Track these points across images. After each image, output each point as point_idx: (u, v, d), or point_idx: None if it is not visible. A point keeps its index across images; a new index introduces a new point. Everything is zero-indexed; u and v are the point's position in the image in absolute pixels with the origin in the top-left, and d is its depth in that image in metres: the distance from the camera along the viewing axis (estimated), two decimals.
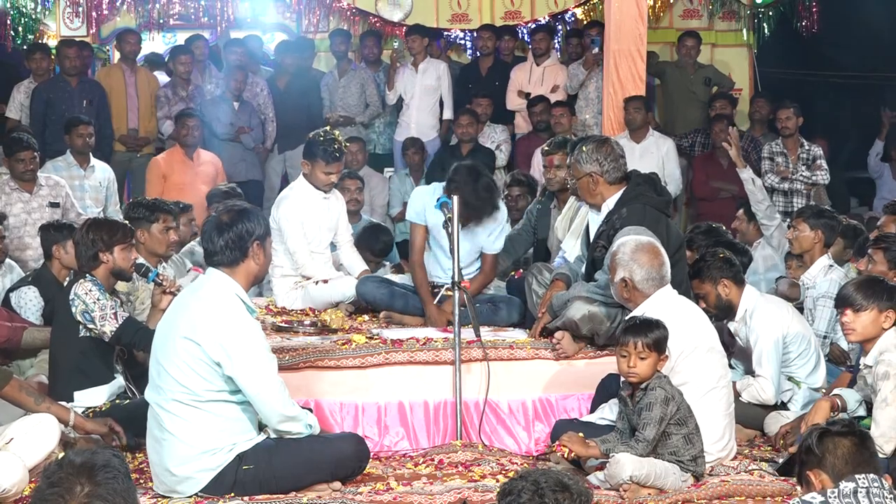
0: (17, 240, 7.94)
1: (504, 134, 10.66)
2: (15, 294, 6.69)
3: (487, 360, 5.66)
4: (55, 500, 2.74)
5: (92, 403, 5.54)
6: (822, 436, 3.43)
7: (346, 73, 10.92)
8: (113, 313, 5.58)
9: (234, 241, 4.70)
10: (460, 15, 11.72)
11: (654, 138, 9.75)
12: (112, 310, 5.59)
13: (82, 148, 8.88)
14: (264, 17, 11.79)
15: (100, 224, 5.81)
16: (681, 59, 11.14)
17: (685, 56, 11.10)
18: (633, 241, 5.25)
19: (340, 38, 11.13)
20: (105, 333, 5.58)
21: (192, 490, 4.66)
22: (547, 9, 11.73)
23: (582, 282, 5.84)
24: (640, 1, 8.83)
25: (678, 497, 4.69)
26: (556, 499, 2.94)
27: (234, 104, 10.34)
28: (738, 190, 9.91)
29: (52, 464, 2.83)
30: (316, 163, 6.93)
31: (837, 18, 12.85)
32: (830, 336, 6.54)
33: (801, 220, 6.87)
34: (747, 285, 5.98)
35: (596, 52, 10.44)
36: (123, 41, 10.69)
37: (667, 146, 9.84)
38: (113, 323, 5.57)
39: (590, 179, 5.81)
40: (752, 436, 5.78)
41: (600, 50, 10.30)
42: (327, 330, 6.22)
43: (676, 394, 4.82)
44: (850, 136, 13.69)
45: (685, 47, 11.08)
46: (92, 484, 2.76)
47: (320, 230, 7.06)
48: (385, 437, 5.66)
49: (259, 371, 4.62)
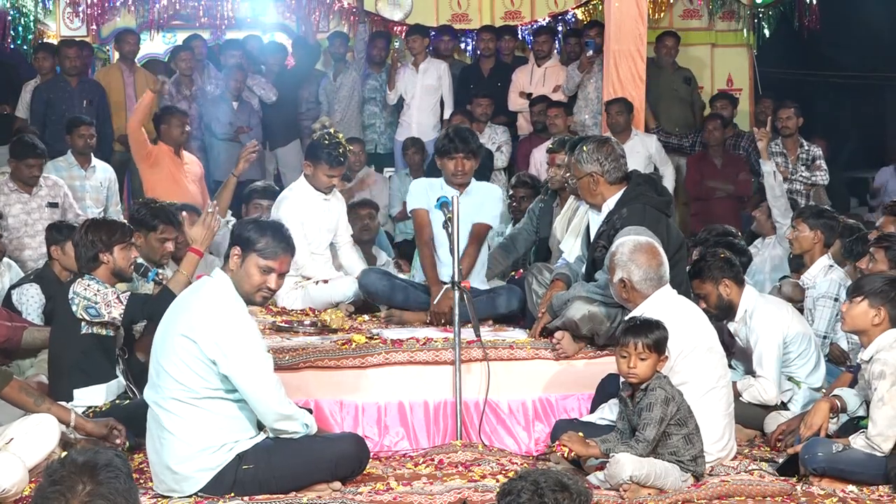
0: (16, 240, 7.95)
1: (505, 135, 10.66)
2: (17, 291, 6.70)
3: (487, 360, 5.66)
4: (57, 498, 2.75)
5: (92, 402, 5.54)
6: None
7: (341, 74, 10.97)
8: (115, 297, 5.58)
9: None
10: (460, 15, 11.72)
11: (640, 138, 9.74)
12: (114, 295, 5.59)
13: (83, 148, 8.88)
14: (264, 17, 11.80)
15: (98, 225, 5.81)
16: (661, 59, 11.07)
17: (665, 56, 11.03)
18: (631, 242, 5.26)
19: (339, 41, 11.17)
20: (115, 319, 5.58)
21: (191, 489, 4.66)
22: (547, 9, 11.73)
23: (582, 282, 5.84)
24: (640, 1, 8.85)
25: (678, 497, 4.68)
26: (555, 498, 2.95)
27: (233, 104, 10.36)
28: (733, 189, 9.93)
29: (54, 462, 2.84)
30: (319, 165, 6.95)
31: (837, 18, 12.87)
32: (830, 336, 6.54)
33: (801, 220, 6.88)
34: (747, 285, 5.99)
35: (591, 54, 10.46)
36: (122, 41, 10.70)
37: (653, 144, 9.84)
38: (119, 307, 5.57)
39: (590, 179, 5.81)
40: (752, 436, 5.78)
41: (595, 52, 10.34)
42: (327, 330, 6.22)
43: (677, 394, 4.82)
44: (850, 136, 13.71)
45: (665, 47, 11.00)
46: (94, 483, 2.77)
47: (320, 231, 7.07)
48: (385, 437, 5.66)
49: (254, 369, 4.63)
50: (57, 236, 6.78)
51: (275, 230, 4.76)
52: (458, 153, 6.59)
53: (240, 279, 4.72)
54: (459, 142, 6.61)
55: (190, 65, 10.48)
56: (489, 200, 6.70)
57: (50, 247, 6.84)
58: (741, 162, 10.28)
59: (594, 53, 10.43)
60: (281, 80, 10.93)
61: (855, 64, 14.72)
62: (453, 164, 6.61)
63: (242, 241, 4.72)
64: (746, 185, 10.10)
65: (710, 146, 10.11)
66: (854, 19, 13.21)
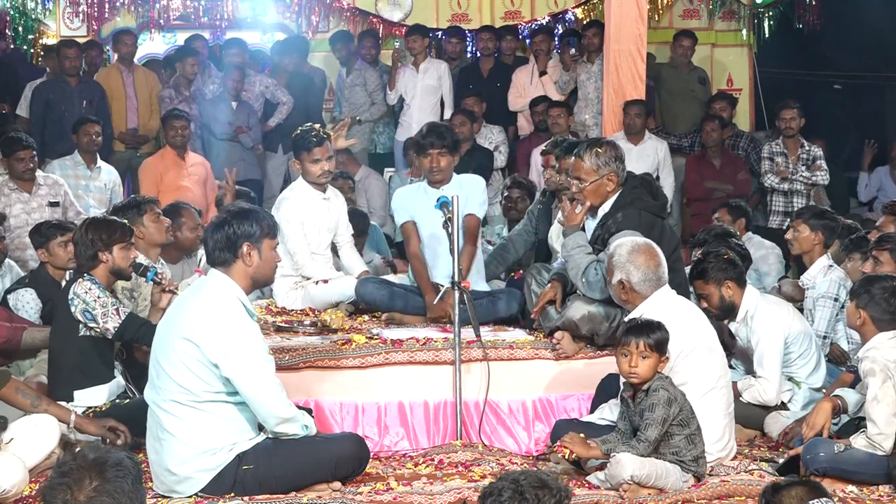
0: (18, 240, 7.94)
1: (501, 135, 10.66)
2: (12, 296, 6.64)
3: (487, 360, 5.66)
4: (63, 490, 2.80)
5: (92, 403, 5.54)
6: (776, 491, 3.73)
7: (353, 73, 10.98)
8: (115, 310, 5.58)
9: (223, 242, 4.71)
10: (460, 15, 11.73)
11: (653, 141, 9.76)
12: (113, 306, 5.59)
13: (88, 146, 8.92)
14: (264, 17, 11.80)
15: (98, 224, 5.80)
16: (676, 59, 11.11)
17: (681, 56, 11.06)
18: (629, 243, 5.26)
19: (343, 40, 11.15)
20: (108, 330, 5.57)
21: (191, 490, 4.66)
22: (547, 9, 11.74)
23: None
24: (640, 1, 8.84)
25: (678, 497, 4.68)
26: (536, 495, 3.03)
27: (232, 104, 10.35)
28: (732, 189, 9.92)
29: (66, 455, 2.91)
30: (301, 156, 6.92)
31: (838, 18, 12.86)
32: (830, 336, 6.54)
33: (801, 220, 6.88)
34: (748, 286, 5.99)
35: (573, 52, 10.49)
36: (119, 42, 10.72)
37: (664, 149, 9.85)
38: (115, 319, 5.56)
39: (605, 182, 5.77)
40: (752, 436, 5.78)
41: (577, 51, 10.37)
42: (327, 330, 6.22)
43: (679, 395, 4.82)
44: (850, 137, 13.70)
45: (682, 47, 11.03)
46: (101, 479, 2.81)
47: (320, 231, 7.05)
48: (385, 437, 5.67)
49: (256, 373, 4.62)
50: (39, 239, 6.74)
51: (251, 211, 4.83)
52: (432, 149, 6.58)
53: (263, 268, 4.76)
54: (435, 137, 6.59)
55: (195, 69, 10.51)
56: (473, 191, 6.66)
57: (36, 250, 6.84)
58: (740, 162, 10.28)
59: (576, 52, 10.47)
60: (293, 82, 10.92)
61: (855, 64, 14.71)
62: (428, 161, 6.60)
63: (245, 237, 4.71)
64: (745, 185, 10.10)
65: (709, 147, 10.11)
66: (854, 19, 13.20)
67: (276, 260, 4.89)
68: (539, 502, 3.03)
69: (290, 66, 11.01)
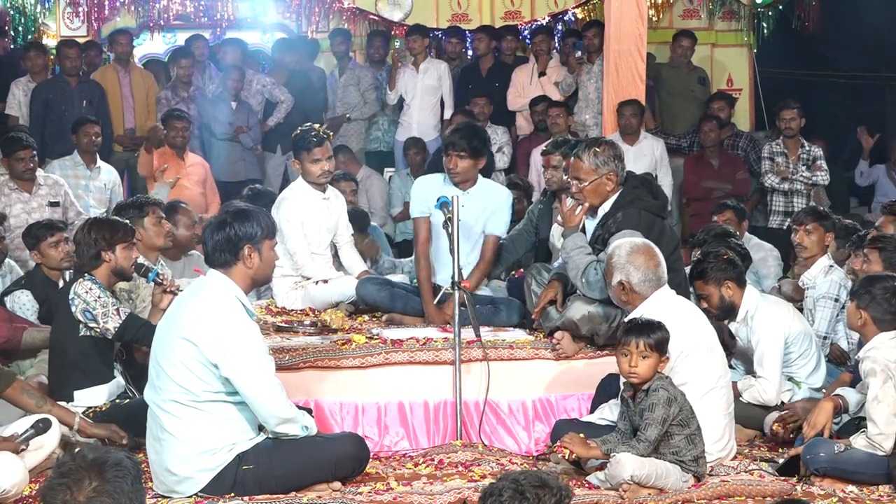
0: (18, 240, 7.92)
1: (505, 136, 10.67)
2: (9, 298, 6.62)
3: (487, 360, 5.66)
4: (62, 490, 2.80)
5: (92, 403, 5.54)
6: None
7: (346, 72, 10.97)
8: (115, 310, 5.58)
9: (224, 243, 4.69)
10: (460, 15, 11.73)
11: (649, 141, 9.75)
12: (114, 306, 5.59)
13: (88, 146, 8.92)
14: (264, 17, 11.80)
15: (101, 223, 5.81)
16: (676, 59, 11.10)
17: (681, 56, 11.06)
18: (628, 244, 5.26)
19: (341, 38, 11.17)
20: (108, 330, 5.57)
21: (191, 490, 4.66)
22: (547, 9, 11.74)
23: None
24: (640, 1, 8.84)
25: (678, 497, 4.68)
26: (536, 494, 3.03)
27: (231, 104, 10.36)
28: (731, 189, 9.92)
29: (66, 455, 2.90)
30: (301, 156, 6.92)
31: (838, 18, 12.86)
32: (830, 336, 6.55)
33: (809, 222, 6.88)
34: (748, 286, 5.99)
35: (579, 55, 10.48)
36: (115, 42, 10.72)
37: (660, 148, 9.85)
38: (116, 319, 5.57)
39: (605, 181, 5.78)
40: (752, 436, 5.79)
41: (583, 53, 10.36)
42: (327, 330, 6.22)
43: (679, 395, 4.82)
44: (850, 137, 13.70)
45: (681, 47, 11.02)
46: (100, 480, 2.81)
47: (320, 231, 7.05)
48: (385, 437, 5.67)
49: (256, 373, 4.62)
50: (30, 241, 6.75)
51: (251, 211, 4.81)
52: (452, 150, 6.56)
53: (263, 269, 4.76)
54: (457, 138, 6.57)
55: (188, 71, 10.49)
56: (499, 208, 6.64)
57: (30, 252, 6.84)
58: (738, 162, 10.28)
59: (582, 55, 10.47)
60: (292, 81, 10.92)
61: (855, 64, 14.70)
62: (447, 161, 6.60)
63: (245, 239, 4.70)
64: (744, 185, 10.10)
65: (707, 147, 10.11)
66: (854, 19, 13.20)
67: (275, 259, 4.89)
68: (539, 502, 3.03)
69: (291, 63, 11.01)
